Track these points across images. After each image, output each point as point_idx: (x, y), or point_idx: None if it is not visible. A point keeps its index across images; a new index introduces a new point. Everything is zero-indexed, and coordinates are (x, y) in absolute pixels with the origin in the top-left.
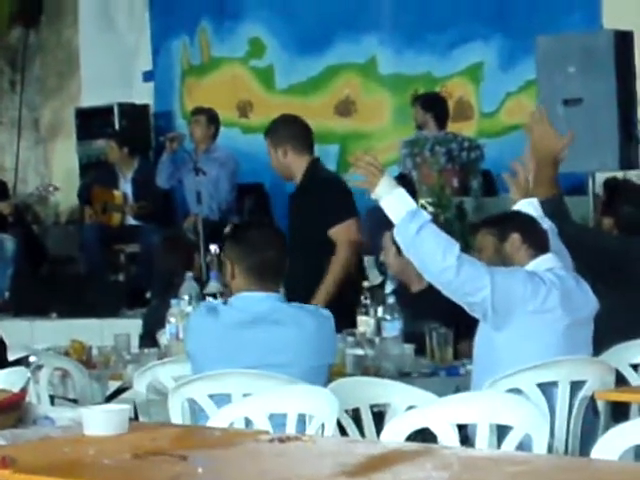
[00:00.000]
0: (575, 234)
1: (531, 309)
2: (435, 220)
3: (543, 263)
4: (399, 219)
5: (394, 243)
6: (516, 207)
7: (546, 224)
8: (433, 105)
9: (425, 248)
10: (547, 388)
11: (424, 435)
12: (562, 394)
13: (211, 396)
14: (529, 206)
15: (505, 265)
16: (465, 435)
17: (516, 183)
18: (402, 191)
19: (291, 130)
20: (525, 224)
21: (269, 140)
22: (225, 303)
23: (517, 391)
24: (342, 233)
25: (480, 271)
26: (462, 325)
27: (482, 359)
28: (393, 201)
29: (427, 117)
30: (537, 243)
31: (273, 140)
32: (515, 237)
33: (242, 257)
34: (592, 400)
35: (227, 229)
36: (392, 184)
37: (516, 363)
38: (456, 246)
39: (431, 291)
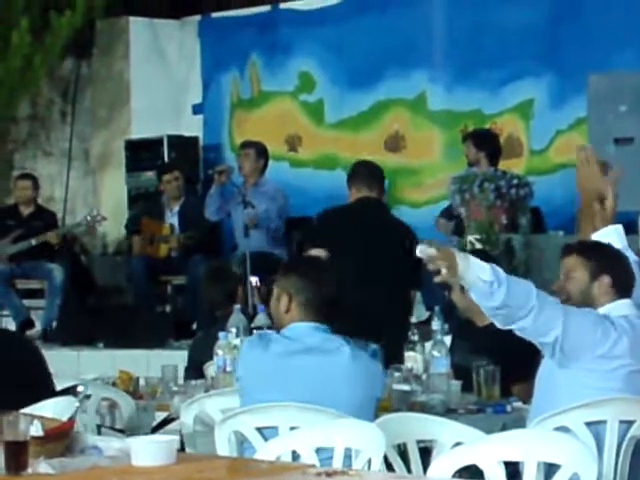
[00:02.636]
0: None
1: (599, 353)
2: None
3: (620, 308)
4: (478, 288)
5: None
6: (600, 234)
7: (631, 256)
8: (486, 143)
9: (512, 304)
10: (595, 427)
11: (471, 472)
12: (610, 433)
13: (258, 429)
14: (614, 233)
15: (584, 299)
16: (513, 472)
17: (600, 209)
18: (474, 259)
19: (353, 170)
20: (619, 267)
21: None
22: (277, 333)
23: (565, 429)
24: None
25: (556, 312)
26: (524, 361)
27: (542, 394)
28: (472, 274)
29: (480, 155)
30: (624, 288)
31: None
32: (606, 280)
33: (302, 291)
34: None
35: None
36: (464, 256)
37: (574, 402)
38: (531, 286)
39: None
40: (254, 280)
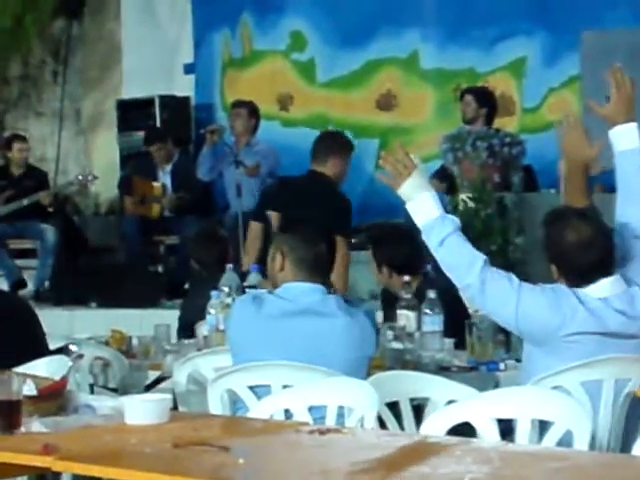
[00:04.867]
0: None
1: (562, 334)
2: (476, 215)
3: (598, 291)
4: (422, 226)
5: None
6: (614, 131)
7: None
8: (487, 100)
9: (448, 260)
10: (591, 386)
11: (464, 430)
12: (606, 392)
13: (251, 387)
14: (629, 135)
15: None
16: (506, 430)
17: (604, 109)
18: (427, 196)
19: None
20: (563, 255)
21: None
22: (270, 293)
23: (561, 389)
24: None
25: (505, 290)
26: None
27: (527, 365)
28: (416, 207)
29: (481, 112)
30: (576, 276)
31: None
32: (553, 268)
33: (294, 249)
34: (635, 399)
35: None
36: (420, 186)
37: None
38: (479, 261)
39: None
40: None
